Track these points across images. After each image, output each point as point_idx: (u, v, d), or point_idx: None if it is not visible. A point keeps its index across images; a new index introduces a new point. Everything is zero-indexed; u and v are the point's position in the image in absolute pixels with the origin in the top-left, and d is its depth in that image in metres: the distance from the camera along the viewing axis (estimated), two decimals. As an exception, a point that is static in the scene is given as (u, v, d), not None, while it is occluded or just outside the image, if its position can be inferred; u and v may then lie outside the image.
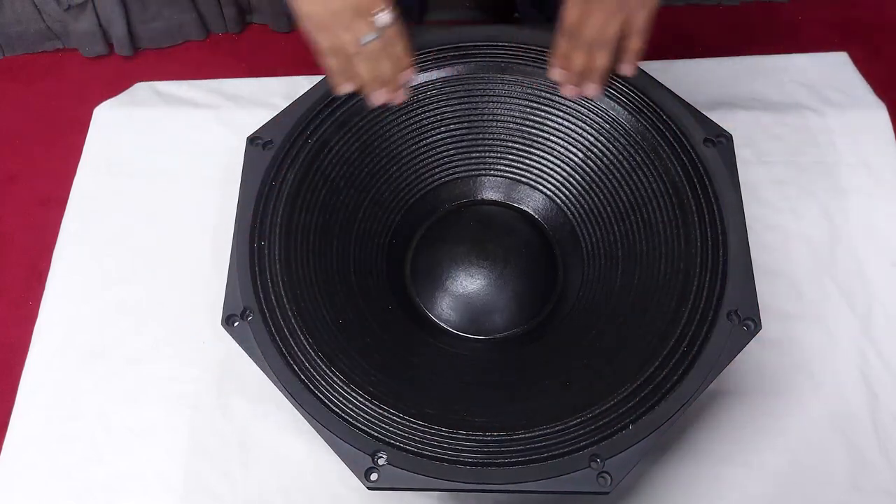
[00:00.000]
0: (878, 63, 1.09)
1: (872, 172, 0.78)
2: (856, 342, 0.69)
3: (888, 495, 0.63)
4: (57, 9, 1.43)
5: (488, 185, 0.68)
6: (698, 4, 1.52)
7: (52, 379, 0.71)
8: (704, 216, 0.58)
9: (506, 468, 0.50)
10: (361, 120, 0.64)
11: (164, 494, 0.65)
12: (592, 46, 0.58)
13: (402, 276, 0.66)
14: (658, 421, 0.51)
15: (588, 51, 0.58)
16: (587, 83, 0.61)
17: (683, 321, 0.54)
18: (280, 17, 1.50)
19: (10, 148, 1.42)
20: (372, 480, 0.50)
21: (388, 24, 0.57)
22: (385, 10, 0.56)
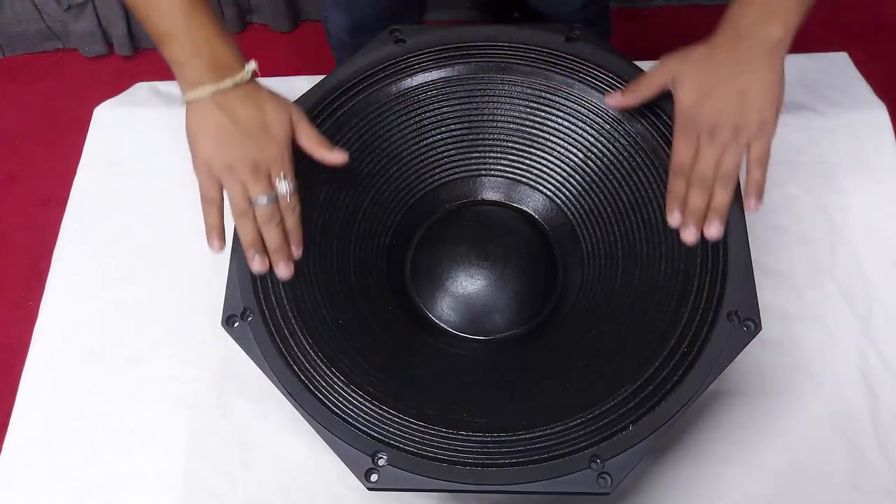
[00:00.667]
0: (878, 63, 1.09)
1: (872, 172, 0.78)
2: (856, 342, 0.69)
3: (888, 495, 0.63)
4: (57, 9, 1.43)
5: (488, 185, 0.68)
6: (698, 4, 1.53)
7: (52, 379, 0.71)
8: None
9: (506, 469, 0.50)
10: (361, 120, 0.64)
11: (164, 494, 0.65)
12: (710, 184, 0.54)
13: (402, 276, 0.66)
14: (658, 421, 0.51)
15: (706, 189, 0.54)
16: (710, 223, 0.55)
17: (683, 321, 0.54)
18: (280, 17, 1.50)
19: (10, 148, 1.43)
20: (372, 481, 0.50)
21: (287, 193, 0.54)
22: (288, 178, 0.54)
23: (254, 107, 0.53)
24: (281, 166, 0.53)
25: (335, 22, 0.97)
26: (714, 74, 0.53)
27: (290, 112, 0.55)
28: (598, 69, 0.64)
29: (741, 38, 0.52)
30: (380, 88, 0.64)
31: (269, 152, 0.53)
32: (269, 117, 0.53)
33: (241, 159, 0.53)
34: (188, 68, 0.52)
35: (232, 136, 0.52)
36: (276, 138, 0.53)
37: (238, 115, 0.53)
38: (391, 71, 0.65)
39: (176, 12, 0.51)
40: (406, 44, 0.65)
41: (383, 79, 0.64)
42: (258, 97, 0.54)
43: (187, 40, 0.52)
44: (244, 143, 0.52)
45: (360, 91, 0.64)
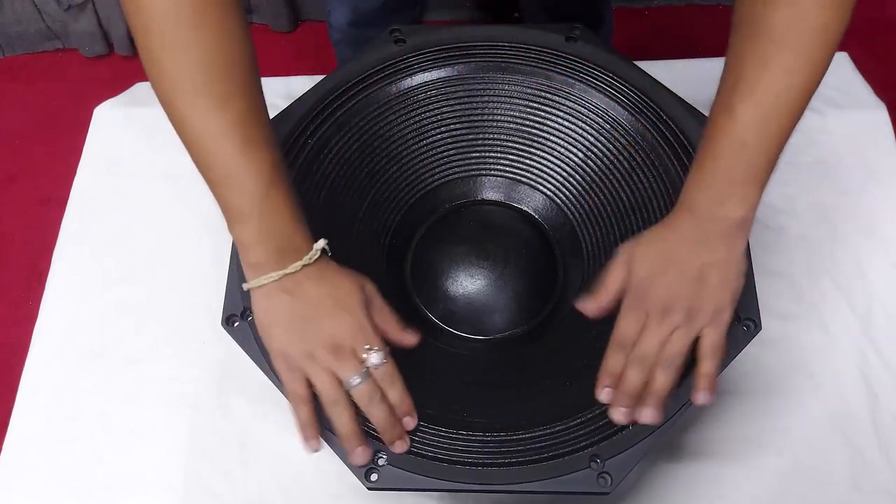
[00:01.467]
0: (878, 63, 1.09)
1: (872, 172, 0.78)
2: (856, 342, 0.69)
3: (888, 495, 0.63)
4: (57, 9, 1.43)
5: (488, 185, 0.68)
6: (698, 4, 1.53)
7: (52, 379, 0.71)
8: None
9: (506, 468, 0.50)
10: (361, 120, 0.64)
11: (164, 494, 0.65)
12: (651, 365, 0.49)
13: (402, 276, 0.66)
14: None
15: (645, 369, 0.49)
16: (643, 408, 0.49)
17: (683, 321, 0.54)
18: (280, 17, 1.50)
19: (10, 148, 1.43)
20: (372, 481, 0.50)
21: (380, 363, 0.48)
22: (375, 348, 0.48)
23: (325, 283, 0.49)
24: (365, 338, 0.48)
25: (337, 17, 0.98)
26: (669, 253, 0.49)
27: (362, 283, 0.51)
28: (598, 69, 0.64)
29: (698, 219, 0.48)
30: (380, 88, 0.64)
31: (349, 327, 0.48)
32: (341, 291, 0.49)
33: (320, 342, 0.48)
34: (253, 252, 0.49)
35: (306, 319, 0.48)
36: (353, 310, 0.48)
37: (309, 295, 0.48)
38: (391, 71, 0.65)
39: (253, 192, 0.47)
40: (406, 44, 0.65)
41: (383, 79, 0.64)
42: (327, 273, 0.50)
43: (258, 224, 0.48)
44: (321, 324, 0.48)
45: (360, 91, 0.64)
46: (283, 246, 0.49)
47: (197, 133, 0.47)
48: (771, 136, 0.47)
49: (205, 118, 0.47)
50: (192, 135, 0.48)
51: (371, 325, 0.49)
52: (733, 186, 0.47)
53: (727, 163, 0.47)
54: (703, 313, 0.48)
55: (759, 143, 0.47)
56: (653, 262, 0.49)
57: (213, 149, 0.48)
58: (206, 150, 0.48)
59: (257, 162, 0.48)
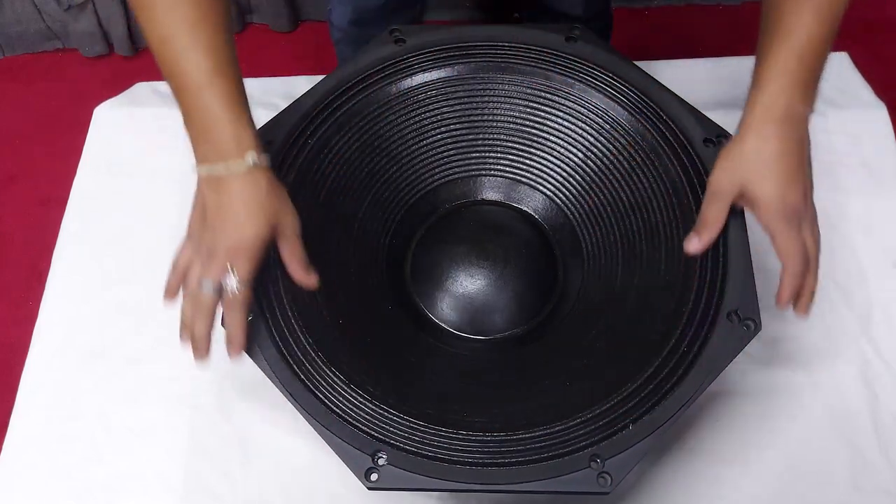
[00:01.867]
0: (878, 63, 1.09)
1: (872, 172, 0.78)
2: (856, 342, 0.69)
3: (888, 495, 0.63)
4: (57, 9, 1.43)
5: (488, 185, 0.68)
6: (698, 4, 1.53)
7: (52, 379, 0.71)
8: (704, 216, 0.58)
9: (506, 468, 0.50)
10: (361, 120, 0.64)
11: (164, 494, 0.65)
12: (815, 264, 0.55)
13: (402, 276, 0.66)
14: (658, 421, 0.51)
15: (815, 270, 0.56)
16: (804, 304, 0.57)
17: (683, 321, 0.54)
18: (280, 17, 1.50)
19: (10, 148, 1.43)
20: (372, 480, 0.50)
21: (233, 288, 0.52)
22: (242, 280, 0.52)
23: (237, 196, 0.52)
24: (235, 261, 0.52)
25: (338, 16, 0.98)
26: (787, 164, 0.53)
27: (277, 212, 0.54)
28: (598, 69, 0.64)
29: (780, 124, 0.53)
30: (380, 88, 0.64)
31: (231, 244, 0.52)
32: (247, 208, 0.52)
33: (207, 241, 0.53)
34: (196, 147, 0.53)
35: (208, 218, 0.53)
36: (244, 234, 0.52)
37: (219, 201, 0.52)
38: (391, 71, 0.65)
39: (193, 89, 0.52)
40: (406, 44, 0.65)
41: (383, 79, 0.64)
42: (251, 191, 0.52)
43: (197, 121, 0.52)
44: (214, 228, 0.52)
45: (359, 91, 0.64)
46: (217, 143, 0.52)
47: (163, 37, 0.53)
48: (823, 50, 0.55)
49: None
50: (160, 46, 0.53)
51: (252, 256, 0.52)
52: (806, 90, 0.54)
53: (797, 73, 0.53)
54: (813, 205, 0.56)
55: (815, 54, 0.54)
56: (778, 179, 0.53)
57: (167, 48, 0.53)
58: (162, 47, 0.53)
59: (200, 60, 0.51)
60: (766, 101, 0.53)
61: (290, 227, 0.55)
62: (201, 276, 0.52)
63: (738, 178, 0.54)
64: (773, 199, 0.53)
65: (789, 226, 0.53)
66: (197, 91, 0.51)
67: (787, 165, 0.53)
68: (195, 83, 0.51)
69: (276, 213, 0.54)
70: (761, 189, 0.53)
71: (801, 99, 0.53)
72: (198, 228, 0.54)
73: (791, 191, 0.53)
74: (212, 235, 0.53)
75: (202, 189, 0.54)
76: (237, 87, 0.53)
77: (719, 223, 0.56)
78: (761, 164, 0.53)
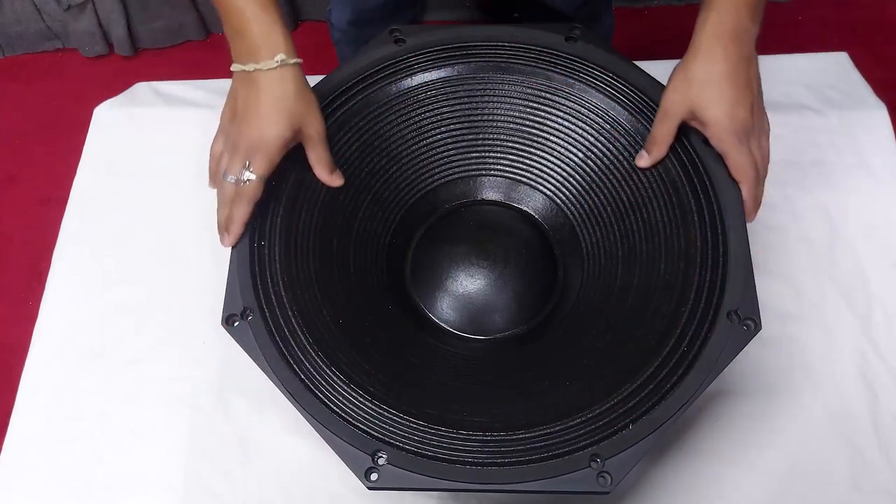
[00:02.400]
0: (878, 63, 1.09)
1: (872, 172, 0.78)
2: (856, 342, 0.69)
3: (888, 495, 0.63)
4: (57, 9, 1.43)
5: (488, 185, 0.68)
6: (698, 4, 1.53)
7: (52, 379, 0.71)
8: (704, 216, 0.58)
9: (506, 468, 0.50)
10: (361, 120, 0.64)
11: (164, 494, 0.65)
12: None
13: (402, 275, 0.66)
14: (658, 421, 0.51)
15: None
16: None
17: (683, 321, 0.54)
18: (280, 17, 1.50)
19: (10, 148, 1.43)
20: (372, 480, 0.50)
21: (244, 181, 0.56)
22: (255, 174, 0.55)
23: (268, 94, 0.54)
24: (254, 158, 0.55)
25: (338, 16, 0.98)
26: (736, 81, 0.55)
27: (303, 121, 0.56)
28: (598, 69, 0.64)
29: (728, 43, 0.55)
30: (380, 88, 0.64)
31: (252, 141, 0.55)
32: (271, 111, 0.55)
33: (233, 135, 0.56)
34: (232, 46, 0.56)
35: (237, 112, 0.56)
36: (265, 133, 0.55)
37: (247, 97, 0.55)
38: (391, 71, 0.65)
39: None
40: (406, 44, 0.65)
41: (383, 79, 0.64)
42: (279, 86, 0.55)
43: (233, 21, 0.55)
44: (239, 123, 0.55)
45: (360, 91, 0.64)
46: (249, 42, 0.54)
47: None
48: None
49: None
50: None
51: (269, 155, 0.55)
52: (756, 8, 0.55)
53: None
54: (761, 118, 0.58)
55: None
56: (726, 100, 0.55)
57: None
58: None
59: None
60: (715, 20, 0.55)
61: (316, 130, 0.57)
62: (225, 169, 0.56)
63: (688, 100, 0.56)
64: (722, 120, 0.55)
65: (739, 144, 0.56)
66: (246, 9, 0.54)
67: (735, 85, 0.55)
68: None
69: (301, 115, 0.56)
70: (710, 111, 0.55)
71: (750, 17, 0.55)
72: (227, 122, 0.57)
73: (739, 109, 0.55)
74: (237, 130, 0.55)
75: (235, 84, 0.56)
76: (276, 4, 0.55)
77: (668, 141, 0.59)
78: (709, 85, 0.55)
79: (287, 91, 0.55)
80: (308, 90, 0.57)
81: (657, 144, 0.59)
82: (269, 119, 0.55)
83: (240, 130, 0.55)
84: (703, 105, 0.55)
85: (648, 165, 0.60)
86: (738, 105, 0.55)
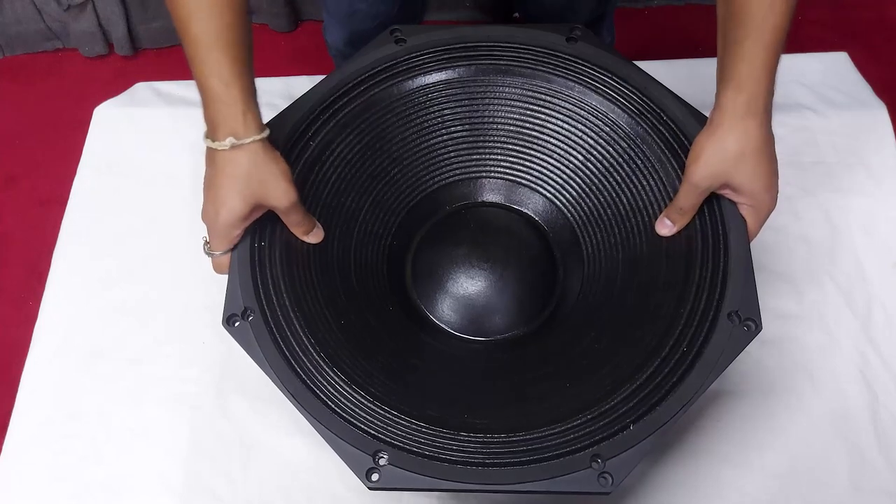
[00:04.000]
0: (878, 63, 1.09)
1: (872, 172, 0.78)
2: (856, 342, 0.69)
3: (888, 495, 0.63)
4: (57, 9, 1.43)
5: (489, 187, 0.68)
6: (698, 4, 1.53)
7: (52, 379, 0.71)
8: (705, 217, 0.58)
9: (507, 468, 0.50)
10: (363, 122, 0.64)
11: (164, 494, 0.65)
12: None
13: (402, 277, 0.66)
14: (659, 421, 0.51)
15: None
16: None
17: (683, 322, 0.54)
18: (280, 17, 1.50)
19: (10, 148, 1.43)
20: (373, 480, 0.50)
21: (212, 255, 0.57)
22: (214, 251, 0.57)
23: (221, 176, 0.54)
24: (211, 237, 0.57)
25: (333, 35, 0.98)
26: (764, 158, 0.55)
27: (265, 194, 0.55)
28: (598, 71, 0.64)
29: (762, 117, 0.54)
30: (381, 90, 0.64)
31: (209, 219, 0.56)
32: (226, 189, 0.54)
33: (203, 215, 0.56)
34: (204, 117, 0.55)
35: (204, 192, 0.56)
36: (219, 212, 0.55)
37: (208, 176, 0.56)
38: (392, 73, 0.65)
39: (202, 62, 0.53)
40: (406, 44, 0.65)
41: (384, 80, 0.64)
42: (231, 168, 0.54)
43: (200, 94, 0.54)
44: (205, 203, 0.56)
45: (361, 93, 0.64)
46: (207, 119, 0.55)
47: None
48: (783, 42, 0.55)
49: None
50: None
51: (222, 230, 0.56)
52: (774, 82, 0.55)
53: (769, 67, 0.54)
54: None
55: (779, 46, 0.54)
56: (766, 176, 0.56)
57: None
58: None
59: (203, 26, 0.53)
60: (747, 96, 0.54)
61: (280, 202, 0.56)
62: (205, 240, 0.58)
63: (722, 174, 0.55)
64: (762, 195, 0.56)
65: (768, 209, 0.57)
66: (195, 60, 0.53)
67: (770, 159, 0.56)
68: (192, 53, 0.53)
69: (259, 192, 0.55)
70: (749, 186, 0.55)
71: (772, 91, 0.55)
72: (203, 202, 0.57)
73: (775, 185, 0.56)
74: (203, 211, 0.56)
75: (208, 158, 0.56)
76: (236, 54, 0.54)
77: (693, 212, 0.58)
78: (745, 161, 0.55)
79: (240, 171, 0.54)
80: (267, 164, 0.55)
81: (685, 216, 0.58)
82: (224, 198, 0.54)
83: (203, 208, 0.56)
84: (741, 180, 0.55)
85: (669, 235, 0.59)
86: (774, 179, 0.56)
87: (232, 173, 0.54)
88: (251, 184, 0.54)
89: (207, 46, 0.53)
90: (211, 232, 0.56)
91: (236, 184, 0.54)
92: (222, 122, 0.54)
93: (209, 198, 0.56)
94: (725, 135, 0.54)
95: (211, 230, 0.56)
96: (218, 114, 0.54)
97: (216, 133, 0.54)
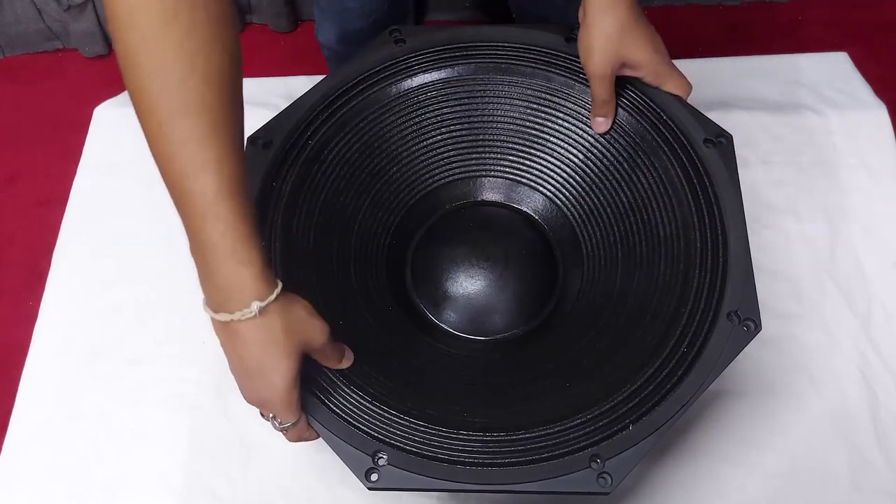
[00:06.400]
0: (878, 63, 1.09)
1: (872, 172, 0.78)
2: (856, 342, 0.69)
3: (888, 495, 0.63)
4: (57, 9, 1.43)
5: (488, 185, 0.68)
6: (698, 4, 1.53)
7: (52, 379, 0.71)
8: (704, 216, 0.58)
9: (506, 469, 0.50)
10: (362, 121, 0.64)
11: (164, 494, 0.65)
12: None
13: (402, 277, 0.66)
14: (658, 421, 0.51)
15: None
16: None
17: (683, 322, 0.54)
18: (280, 17, 1.50)
19: (10, 148, 1.43)
20: (372, 481, 0.50)
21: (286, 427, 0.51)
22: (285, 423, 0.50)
23: (254, 347, 0.48)
24: (276, 413, 0.50)
25: (325, 33, 0.97)
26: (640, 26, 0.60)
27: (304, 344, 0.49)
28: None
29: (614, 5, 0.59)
30: (380, 89, 0.64)
31: (263, 399, 0.50)
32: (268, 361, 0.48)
33: (250, 396, 0.51)
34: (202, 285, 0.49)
35: (234, 371, 0.50)
36: (273, 388, 0.49)
37: (236, 352, 0.49)
38: (391, 71, 0.65)
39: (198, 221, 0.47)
40: (406, 44, 0.65)
41: (383, 79, 0.64)
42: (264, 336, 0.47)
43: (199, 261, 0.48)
44: (247, 382, 0.50)
45: (360, 92, 0.64)
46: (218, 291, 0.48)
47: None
48: None
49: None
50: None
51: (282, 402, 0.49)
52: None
53: None
54: None
55: None
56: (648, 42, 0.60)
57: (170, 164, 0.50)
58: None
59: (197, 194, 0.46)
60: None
61: (321, 336, 0.50)
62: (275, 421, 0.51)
63: (614, 54, 0.60)
64: (653, 57, 0.61)
65: (670, 67, 0.62)
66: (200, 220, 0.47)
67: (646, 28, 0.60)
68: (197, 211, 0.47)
69: (299, 344, 0.49)
70: (638, 55, 0.60)
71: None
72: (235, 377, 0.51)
73: (659, 44, 0.61)
74: (245, 389, 0.50)
75: (217, 332, 0.49)
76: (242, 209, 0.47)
77: (614, 98, 0.62)
78: (626, 34, 0.59)
79: (275, 333, 0.47)
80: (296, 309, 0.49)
81: (608, 104, 0.62)
82: (273, 367, 0.48)
83: (246, 391, 0.50)
84: (630, 53, 0.60)
85: (609, 128, 0.63)
86: (656, 40, 0.61)
87: (268, 339, 0.47)
88: (291, 338, 0.48)
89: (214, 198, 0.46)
90: (272, 408, 0.50)
91: (278, 348, 0.47)
92: (239, 287, 0.46)
93: (249, 375, 0.49)
94: (603, 24, 0.59)
95: (270, 407, 0.50)
96: (234, 277, 0.46)
97: (231, 302, 0.46)
